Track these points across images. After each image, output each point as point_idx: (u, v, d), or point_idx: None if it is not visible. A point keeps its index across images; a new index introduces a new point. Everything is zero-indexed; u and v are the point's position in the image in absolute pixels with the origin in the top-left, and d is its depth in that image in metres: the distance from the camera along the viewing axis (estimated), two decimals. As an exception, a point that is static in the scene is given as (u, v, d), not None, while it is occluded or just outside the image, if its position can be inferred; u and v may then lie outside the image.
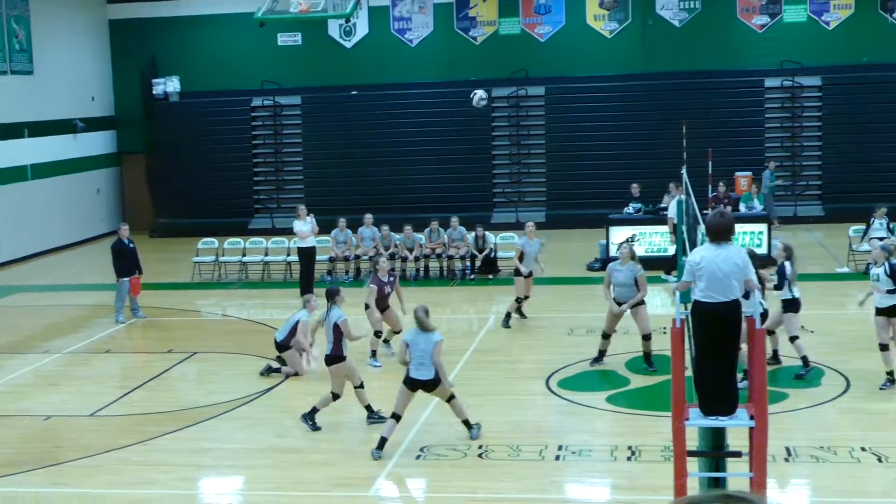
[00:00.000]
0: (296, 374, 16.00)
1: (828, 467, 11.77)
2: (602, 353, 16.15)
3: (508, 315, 18.86)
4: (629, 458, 12.26)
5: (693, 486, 9.55)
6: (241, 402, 14.83)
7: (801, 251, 24.83)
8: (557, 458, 12.39)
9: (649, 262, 22.97)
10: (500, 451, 12.55)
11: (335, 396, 13.55)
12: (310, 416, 13.53)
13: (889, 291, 13.93)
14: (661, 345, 16.29)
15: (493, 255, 23.68)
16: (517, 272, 18.88)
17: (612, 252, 23.27)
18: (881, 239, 22.40)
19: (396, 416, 12.62)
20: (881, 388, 14.21)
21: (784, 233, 26.00)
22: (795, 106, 30.52)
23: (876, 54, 30.11)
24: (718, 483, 9.46)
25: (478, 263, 23.51)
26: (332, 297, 13.94)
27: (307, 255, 22.23)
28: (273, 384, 15.79)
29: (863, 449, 12.10)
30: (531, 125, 31.44)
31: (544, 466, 12.16)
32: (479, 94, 21.58)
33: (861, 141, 29.63)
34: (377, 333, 16.80)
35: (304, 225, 22.24)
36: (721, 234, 9.12)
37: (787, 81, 30.34)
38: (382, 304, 16.84)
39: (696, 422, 9.25)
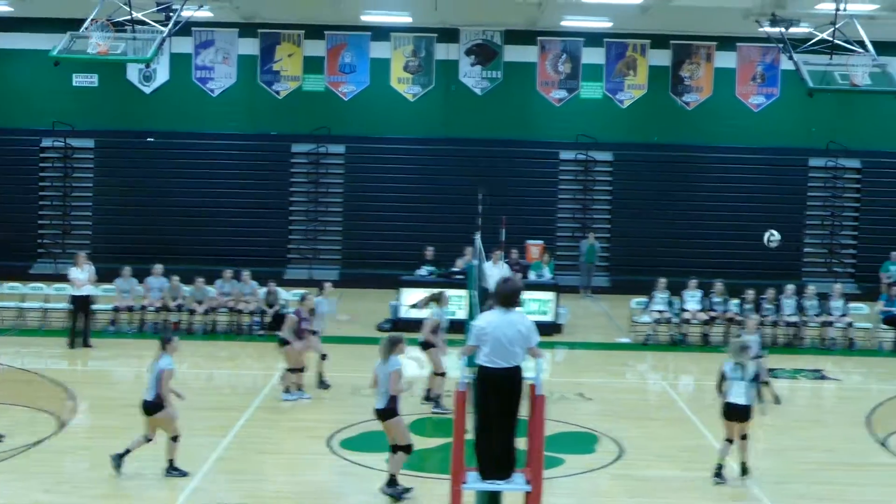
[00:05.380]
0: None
1: (598, 533, 12.02)
2: None
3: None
4: (407, 520, 12.23)
5: (469, 550, 9.59)
6: (10, 454, 14.13)
7: (587, 321, 25.60)
8: (335, 519, 12.26)
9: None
10: (277, 512, 12.33)
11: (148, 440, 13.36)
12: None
13: None
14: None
15: (282, 311, 23.41)
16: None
17: (402, 313, 23.41)
18: (660, 312, 23.27)
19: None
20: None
21: (572, 303, 26.67)
22: (588, 179, 31.48)
23: (665, 134, 31.39)
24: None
25: (266, 319, 23.21)
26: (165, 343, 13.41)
27: (82, 303, 21.58)
28: (43, 437, 15.12)
29: (631, 516, 12.42)
30: (330, 182, 31.43)
31: (322, 528, 12.00)
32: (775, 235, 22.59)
33: (647, 216, 30.82)
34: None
35: (82, 273, 21.60)
36: (507, 300, 9.26)
37: (581, 155, 31.30)
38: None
39: (474, 485, 9.30)
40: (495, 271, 21.05)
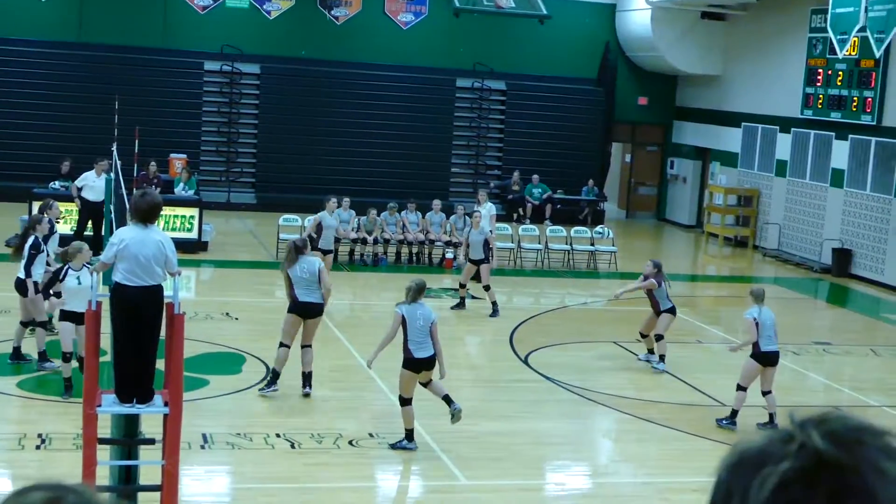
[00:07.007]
0: None
1: (243, 454, 11.69)
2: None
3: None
4: (38, 447, 11.46)
5: (104, 475, 9.14)
6: None
7: (233, 238, 25.04)
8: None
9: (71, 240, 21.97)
10: None
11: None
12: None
13: None
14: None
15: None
16: None
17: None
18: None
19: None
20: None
21: (216, 219, 25.97)
22: (234, 92, 30.60)
23: (313, 49, 30.93)
24: (130, 471, 9.21)
25: None
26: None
27: None
28: None
29: (277, 435, 12.15)
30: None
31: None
32: None
33: (294, 132, 30.27)
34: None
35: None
36: (146, 215, 8.94)
37: (227, 66, 30.35)
38: None
39: (109, 409, 9.01)
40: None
